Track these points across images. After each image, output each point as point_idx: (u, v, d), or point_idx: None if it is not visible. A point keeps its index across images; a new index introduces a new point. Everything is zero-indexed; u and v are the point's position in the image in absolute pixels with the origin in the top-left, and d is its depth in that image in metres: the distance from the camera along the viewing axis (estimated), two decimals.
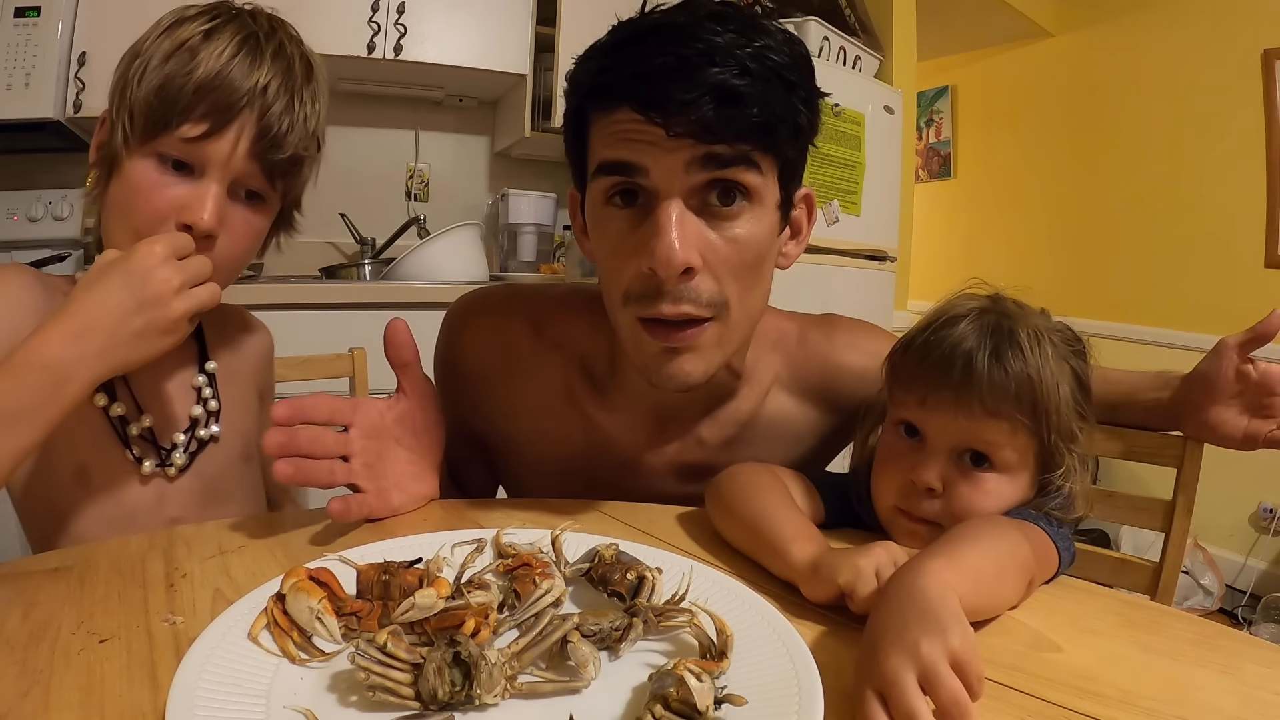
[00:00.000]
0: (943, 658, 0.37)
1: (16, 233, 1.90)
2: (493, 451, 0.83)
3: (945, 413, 0.59)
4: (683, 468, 0.76)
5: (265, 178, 0.65)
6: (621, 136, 0.57)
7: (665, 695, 0.36)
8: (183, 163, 0.62)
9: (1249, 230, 2.50)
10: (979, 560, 0.47)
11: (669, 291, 0.58)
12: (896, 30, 2.47)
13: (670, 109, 0.54)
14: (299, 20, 0.71)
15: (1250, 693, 0.43)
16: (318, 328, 1.64)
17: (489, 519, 0.65)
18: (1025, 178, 3.19)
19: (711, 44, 0.54)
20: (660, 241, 0.56)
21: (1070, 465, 0.60)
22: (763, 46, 0.56)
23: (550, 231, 2.45)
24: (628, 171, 0.58)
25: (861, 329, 0.79)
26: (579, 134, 0.63)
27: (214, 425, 0.75)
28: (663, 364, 0.61)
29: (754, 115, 0.55)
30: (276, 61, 0.64)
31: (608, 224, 0.61)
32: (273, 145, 0.63)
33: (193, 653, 0.39)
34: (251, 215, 0.67)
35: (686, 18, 0.56)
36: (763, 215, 0.61)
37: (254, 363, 0.83)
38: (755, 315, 0.66)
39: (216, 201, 0.62)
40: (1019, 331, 0.59)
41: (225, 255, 0.64)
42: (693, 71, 0.54)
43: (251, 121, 0.62)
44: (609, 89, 0.58)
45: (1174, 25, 2.66)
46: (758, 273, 0.62)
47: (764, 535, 0.56)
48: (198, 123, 0.60)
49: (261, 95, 0.62)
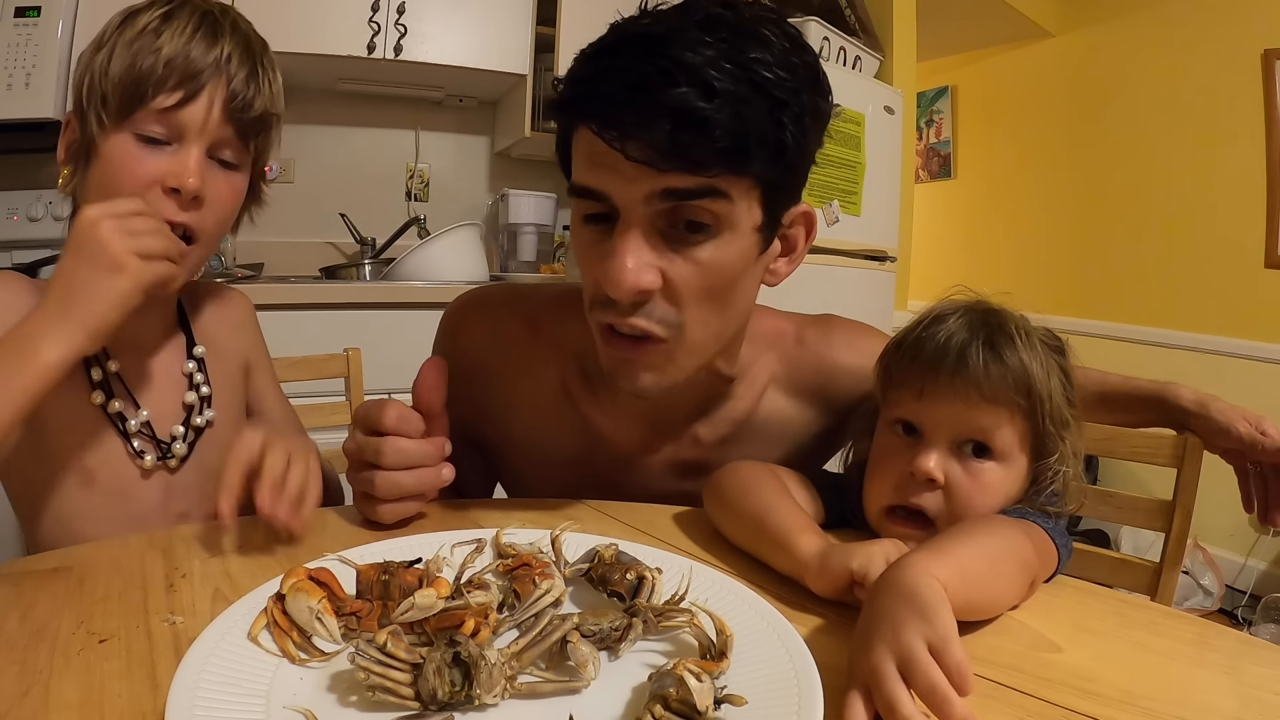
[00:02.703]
0: (920, 645, 0.37)
1: (16, 233, 1.90)
2: (490, 450, 0.83)
3: (943, 402, 0.59)
4: (679, 465, 0.76)
5: (239, 140, 0.68)
6: (589, 160, 0.57)
7: (665, 695, 0.36)
8: (157, 139, 0.64)
9: (1249, 230, 2.50)
10: (969, 555, 0.47)
11: (623, 308, 0.59)
12: (896, 30, 2.47)
13: (625, 130, 0.53)
14: (299, 20, 0.72)
15: (1250, 693, 0.43)
16: (318, 328, 1.64)
17: (489, 519, 0.65)
18: (1025, 178, 3.19)
19: (679, 60, 0.51)
20: (613, 264, 0.56)
21: (1064, 452, 0.61)
22: (752, 59, 0.53)
23: (550, 231, 2.45)
24: (593, 196, 0.58)
25: (858, 329, 0.79)
26: (564, 143, 0.62)
27: (208, 411, 0.75)
28: (620, 371, 0.63)
29: (718, 140, 0.52)
30: (234, 35, 0.68)
31: (580, 235, 0.62)
32: (244, 106, 0.66)
33: (193, 653, 0.39)
34: (230, 178, 0.69)
35: (669, 27, 0.54)
36: (733, 241, 0.58)
37: (234, 334, 0.82)
38: (723, 335, 0.65)
39: (198, 163, 0.65)
40: (1008, 324, 0.61)
41: (211, 219, 0.67)
42: (649, 91, 0.52)
43: (221, 87, 0.65)
44: (569, 105, 0.58)
45: (1174, 25, 2.66)
46: (725, 297, 0.61)
47: (767, 529, 0.56)
48: (171, 93, 0.63)
49: (226, 64, 0.66)
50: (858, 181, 2.18)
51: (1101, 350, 2.59)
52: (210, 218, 0.67)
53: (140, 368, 0.71)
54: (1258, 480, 0.74)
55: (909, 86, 2.49)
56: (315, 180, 2.25)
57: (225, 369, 0.79)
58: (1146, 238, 2.77)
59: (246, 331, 0.85)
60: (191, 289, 0.80)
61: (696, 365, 0.64)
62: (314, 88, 2.18)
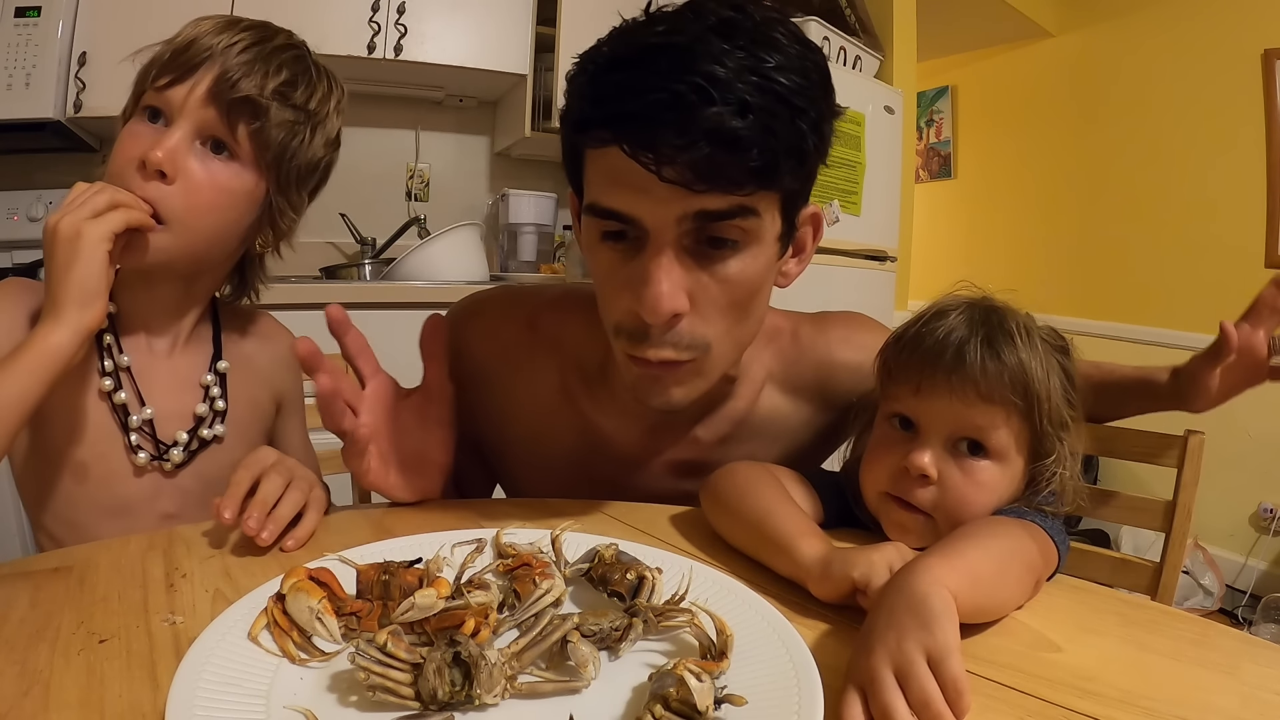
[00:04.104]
0: (919, 655, 0.37)
1: (16, 233, 1.91)
2: (489, 452, 0.83)
3: (940, 398, 0.59)
4: (678, 465, 0.76)
5: (225, 124, 0.66)
6: (612, 180, 0.55)
7: (665, 695, 0.36)
8: (155, 119, 0.66)
9: (1249, 230, 2.50)
10: (978, 559, 0.47)
11: (654, 338, 0.58)
12: (897, 30, 2.47)
13: (662, 153, 0.51)
14: (299, 20, 0.72)
15: (1250, 693, 0.43)
16: (318, 328, 1.64)
17: (489, 519, 0.65)
18: (1025, 178, 3.19)
19: (711, 75, 0.50)
20: (649, 291, 0.55)
21: (1061, 454, 0.60)
22: (772, 69, 0.51)
23: (550, 231, 2.45)
24: (619, 219, 0.56)
25: (855, 323, 0.79)
26: (574, 155, 0.60)
27: (219, 425, 0.75)
28: (648, 390, 0.62)
29: (753, 160, 0.51)
30: (253, 31, 0.68)
31: (599, 255, 0.60)
32: (229, 86, 0.65)
33: (193, 653, 0.39)
34: (215, 166, 0.67)
35: (689, 36, 0.51)
36: (759, 254, 0.58)
37: (272, 368, 0.82)
38: (744, 340, 0.65)
39: (172, 140, 0.65)
40: (1008, 322, 0.60)
41: (180, 201, 0.65)
42: (688, 110, 0.50)
43: (213, 70, 0.66)
44: (596, 124, 0.54)
45: (1174, 25, 2.66)
46: (749, 307, 0.61)
47: (768, 533, 0.56)
48: (164, 73, 0.65)
49: (225, 51, 0.66)
50: (858, 181, 2.18)
51: (1101, 350, 2.56)
52: (180, 199, 0.65)
53: (154, 367, 0.72)
54: None
55: (909, 86, 2.49)
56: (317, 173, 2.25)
57: (251, 394, 0.79)
58: (1146, 238, 2.77)
59: (289, 370, 0.84)
60: (234, 309, 0.81)
61: (721, 373, 0.65)
62: None
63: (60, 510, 0.69)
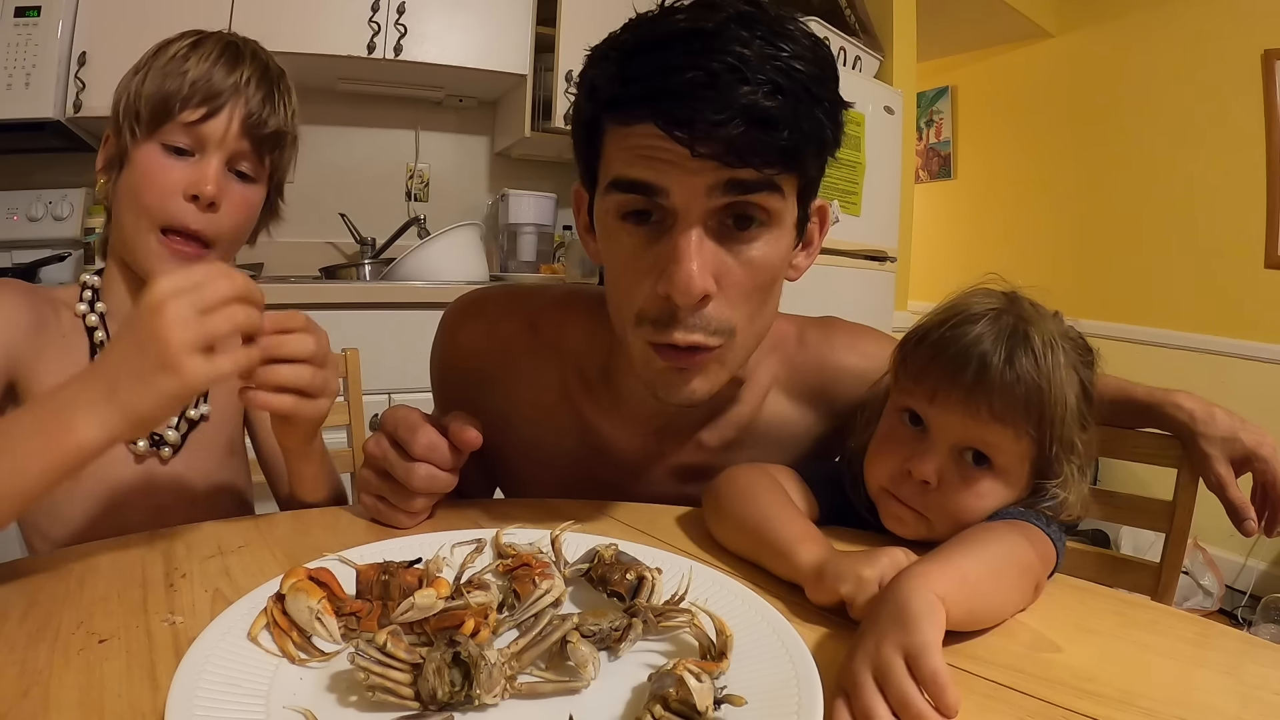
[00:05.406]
0: (896, 655, 0.37)
1: (16, 233, 1.91)
2: (488, 453, 0.83)
3: (953, 411, 0.59)
4: (681, 470, 0.76)
5: (255, 153, 0.75)
6: (641, 154, 0.55)
7: (665, 695, 0.36)
8: (183, 150, 0.72)
9: (1249, 231, 2.50)
10: (971, 564, 0.47)
11: (682, 320, 0.57)
12: (897, 30, 2.47)
13: (697, 129, 0.51)
14: (299, 20, 0.73)
15: (1250, 693, 0.43)
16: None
17: (489, 519, 0.65)
18: (1025, 178, 3.19)
19: (742, 57, 0.51)
20: (680, 270, 0.55)
21: (1068, 474, 0.60)
22: (791, 57, 0.53)
23: (550, 232, 2.45)
24: (647, 191, 0.55)
25: (860, 331, 0.79)
26: (592, 139, 0.60)
27: (204, 405, 0.78)
28: (670, 383, 0.61)
29: (783, 139, 0.53)
30: (254, 62, 0.76)
31: (620, 239, 0.59)
32: (259, 123, 0.74)
33: (192, 653, 0.39)
34: (245, 189, 0.76)
35: (714, 22, 0.53)
36: (780, 237, 0.59)
37: None
38: (762, 332, 0.65)
39: (216, 172, 0.72)
40: (1034, 338, 0.58)
41: (227, 224, 0.74)
42: (724, 89, 0.51)
43: (240, 105, 0.73)
44: (631, 102, 0.55)
45: (1174, 25, 2.66)
46: (768, 293, 0.61)
47: (768, 539, 0.56)
48: (196, 109, 0.71)
49: (246, 86, 0.74)
50: (858, 182, 2.18)
51: (1101, 350, 2.59)
52: (226, 223, 0.73)
53: None
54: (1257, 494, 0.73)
55: (909, 86, 2.49)
56: (315, 180, 2.25)
57: None
58: (1146, 238, 2.77)
59: None
60: None
61: (740, 365, 0.64)
62: (314, 88, 2.18)
63: (53, 505, 0.69)
